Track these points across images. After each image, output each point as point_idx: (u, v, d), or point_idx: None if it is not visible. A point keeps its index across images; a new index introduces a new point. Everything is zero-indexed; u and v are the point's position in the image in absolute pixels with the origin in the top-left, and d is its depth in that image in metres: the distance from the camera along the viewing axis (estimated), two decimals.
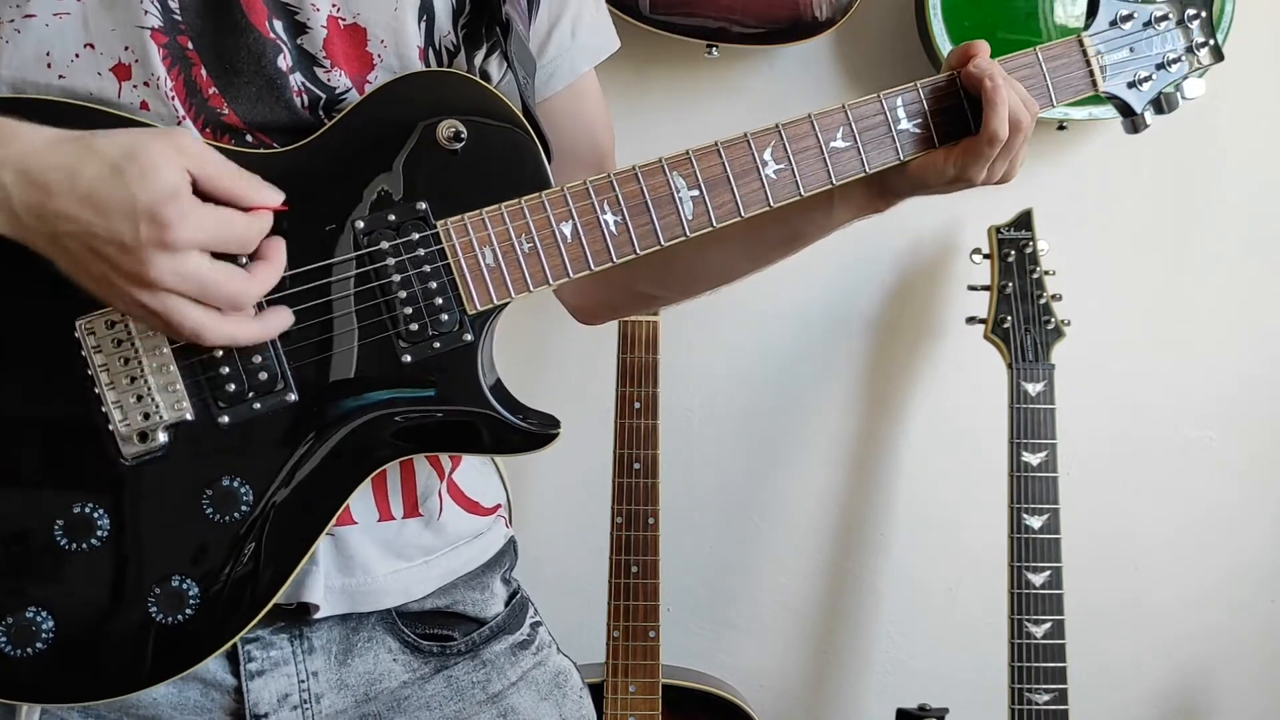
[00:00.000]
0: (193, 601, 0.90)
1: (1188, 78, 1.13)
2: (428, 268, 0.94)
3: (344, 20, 0.97)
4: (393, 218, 0.94)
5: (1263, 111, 2.12)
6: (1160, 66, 1.11)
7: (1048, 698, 1.85)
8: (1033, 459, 1.87)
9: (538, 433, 0.98)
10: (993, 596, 1.95)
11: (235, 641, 0.93)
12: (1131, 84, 1.11)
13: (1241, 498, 2.20)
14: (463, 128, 0.95)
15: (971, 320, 1.95)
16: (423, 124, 0.95)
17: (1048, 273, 1.92)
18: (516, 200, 0.96)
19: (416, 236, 0.94)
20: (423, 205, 0.94)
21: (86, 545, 0.88)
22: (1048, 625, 1.85)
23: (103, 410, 0.89)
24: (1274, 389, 2.18)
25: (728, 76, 2.08)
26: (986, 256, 1.93)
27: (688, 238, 1.01)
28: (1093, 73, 1.10)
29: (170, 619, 0.90)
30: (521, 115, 0.98)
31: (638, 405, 1.91)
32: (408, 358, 0.94)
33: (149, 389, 0.89)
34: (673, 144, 1.01)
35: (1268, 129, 2.13)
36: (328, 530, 0.95)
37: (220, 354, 0.90)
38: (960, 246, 2.11)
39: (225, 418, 0.90)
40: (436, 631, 1.08)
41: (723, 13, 1.90)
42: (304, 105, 0.95)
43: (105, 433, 0.89)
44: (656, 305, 1.39)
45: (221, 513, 0.91)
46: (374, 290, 0.93)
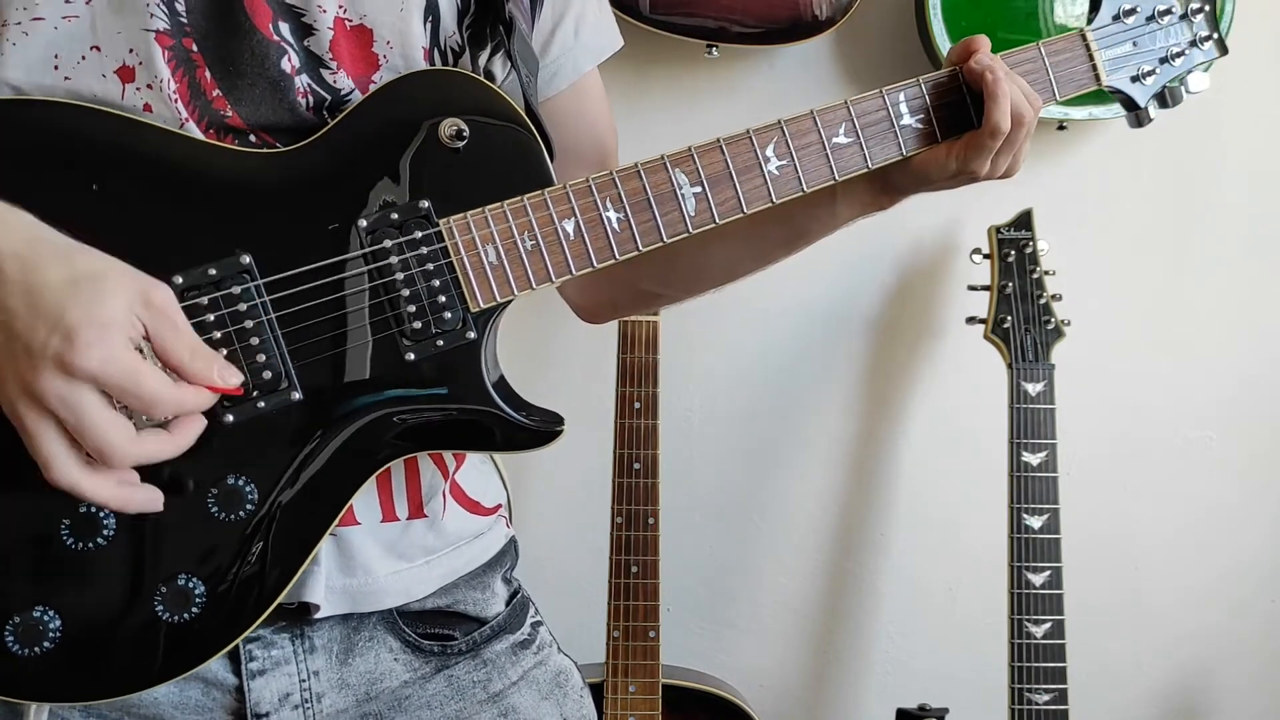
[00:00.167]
0: (199, 600, 0.90)
1: (1192, 72, 1.13)
2: (431, 266, 0.94)
3: (350, 21, 0.97)
4: (396, 216, 0.93)
5: (1263, 111, 2.12)
6: (1164, 60, 1.11)
7: (1048, 698, 1.85)
8: (1033, 459, 1.87)
9: (541, 430, 0.98)
10: (993, 596, 1.95)
11: (238, 641, 0.93)
12: (1135, 78, 1.11)
13: (1241, 498, 2.21)
14: (465, 126, 0.94)
15: (971, 320, 1.95)
16: (425, 123, 0.95)
17: (1048, 273, 1.92)
18: (519, 197, 0.96)
19: (419, 235, 0.94)
20: (425, 204, 0.94)
21: (93, 545, 0.88)
22: (1048, 625, 1.85)
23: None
24: (1274, 389, 2.19)
25: (728, 76, 2.08)
26: (986, 256, 1.93)
27: (690, 234, 1.01)
28: (1096, 67, 1.10)
29: (177, 618, 0.90)
30: (524, 114, 0.98)
31: (638, 405, 1.91)
32: (411, 355, 0.94)
33: None
34: (673, 144, 1.01)
35: (1268, 129, 2.13)
36: (331, 530, 0.94)
37: (224, 354, 0.89)
38: (960, 246, 2.11)
39: (230, 416, 0.90)
40: (437, 631, 1.08)
41: (723, 13, 1.90)
42: (308, 107, 0.95)
43: None
44: (660, 303, 1.38)
45: (227, 511, 0.90)
46: (377, 289, 0.93)
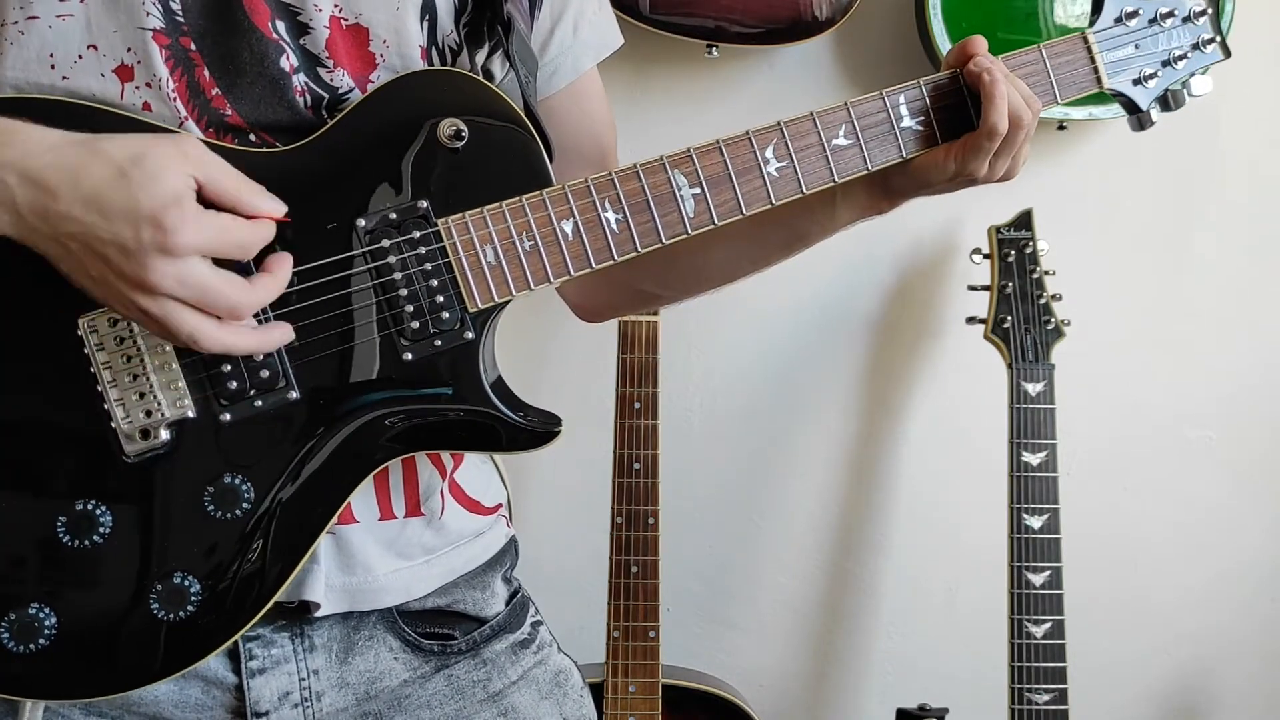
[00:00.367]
0: (194, 598, 0.90)
1: (1194, 75, 1.12)
2: (429, 266, 0.94)
3: (346, 20, 0.97)
4: (394, 216, 0.94)
5: (1263, 112, 2.12)
6: (1166, 63, 1.11)
7: (1048, 698, 1.85)
8: (1033, 459, 1.87)
9: (539, 431, 0.98)
10: (993, 596, 1.94)
11: (236, 639, 0.93)
12: (1137, 81, 1.11)
13: (1241, 498, 2.20)
14: (464, 126, 0.95)
15: (971, 320, 1.95)
16: (424, 123, 0.95)
17: (1048, 273, 1.92)
18: (517, 198, 0.96)
19: (418, 235, 0.94)
20: (424, 204, 0.94)
21: (89, 542, 0.88)
22: (1048, 625, 1.85)
23: (105, 408, 0.89)
24: (1274, 389, 2.18)
25: (728, 76, 2.08)
26: (986, 256, 1.93)
27: (689, 236, 1.01)
28: (1097, 69, 1.09)
29: (172, 616, 0.90)
30: (523, 114, 0.97)
31: (638, 405, 1.91)
32: (409, 355, 0.94)
33: (151, 386, 0.89)
34: (673, 144, 1.01)
35: (1268, 129, 2.13)
36: (329, 528, 0.95)
37: None
38: (960, 246, 2.11)
39: (227, 415, 0.90)
40: (437, 630, 1.08)
41: (722, 13, 1.90)
42: (307, 105, 0.95)
43: (108, 430, 0.89)
44: (659, 304, 1.39)
45: (223, 510, 0.91)
46: (375, 288, 0.93)
